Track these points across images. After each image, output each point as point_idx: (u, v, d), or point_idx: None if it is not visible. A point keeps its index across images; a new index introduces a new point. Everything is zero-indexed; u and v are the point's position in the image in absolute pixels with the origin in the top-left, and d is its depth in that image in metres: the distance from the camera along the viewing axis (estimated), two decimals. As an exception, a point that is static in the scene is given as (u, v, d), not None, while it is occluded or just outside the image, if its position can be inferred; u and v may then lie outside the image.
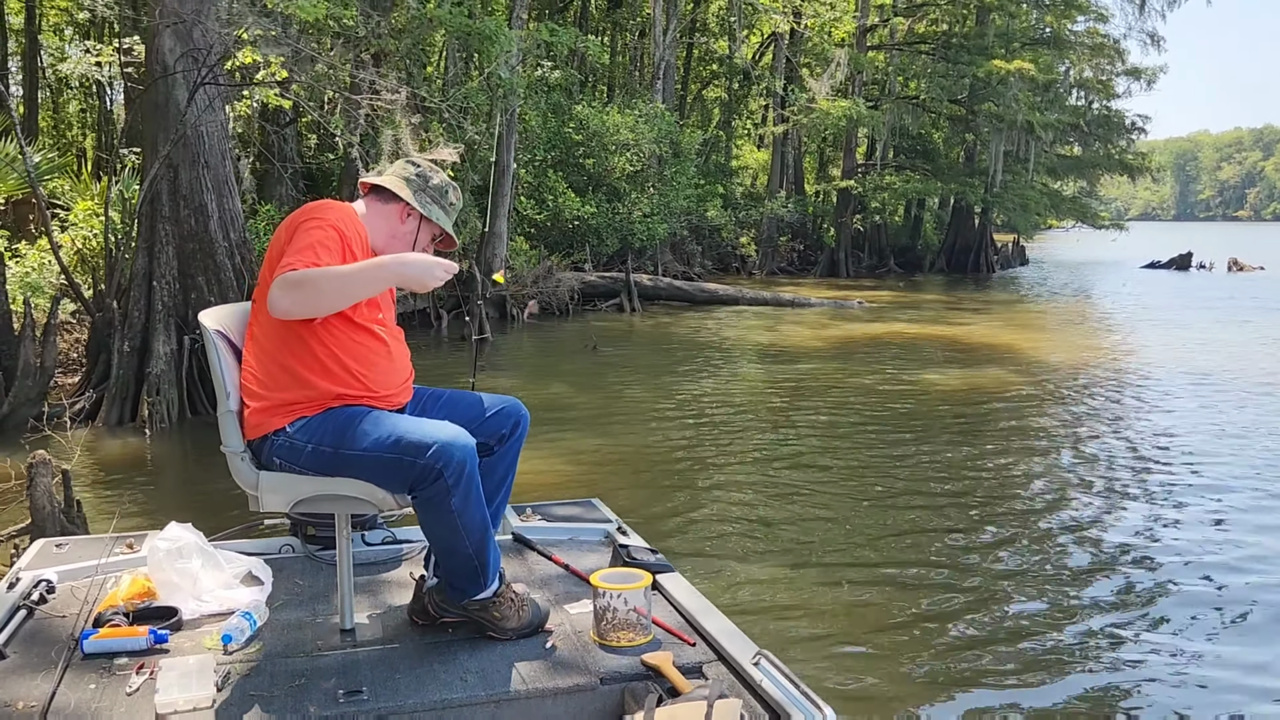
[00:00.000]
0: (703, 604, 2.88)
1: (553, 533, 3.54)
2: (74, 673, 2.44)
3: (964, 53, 26.48)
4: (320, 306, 2.62)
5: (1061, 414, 9.32)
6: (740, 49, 31.01)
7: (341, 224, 2.66)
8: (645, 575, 2.75)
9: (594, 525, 3.60)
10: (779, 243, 28.91)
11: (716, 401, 9.79)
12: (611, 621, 2.65)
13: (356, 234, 2.71)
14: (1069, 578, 5.14)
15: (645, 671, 2.50)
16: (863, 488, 6.74)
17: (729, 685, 2.44)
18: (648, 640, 2.65)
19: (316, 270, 2.50)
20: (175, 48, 7.21)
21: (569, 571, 3.20)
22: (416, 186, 2.84)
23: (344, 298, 2.58)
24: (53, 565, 3.14)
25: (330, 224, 2.63)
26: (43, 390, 7.60)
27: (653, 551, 3.24)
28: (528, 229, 18.92)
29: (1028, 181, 28.71)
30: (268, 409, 2.67)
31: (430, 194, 2.85)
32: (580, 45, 15.92)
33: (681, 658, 2.58)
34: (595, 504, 3.86)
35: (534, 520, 3.62)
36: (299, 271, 2.49)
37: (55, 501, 3.91)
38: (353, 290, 2.57)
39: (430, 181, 2.85)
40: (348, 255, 2.63)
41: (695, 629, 2.75)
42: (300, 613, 2.88)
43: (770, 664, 2.45)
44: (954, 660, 4.19)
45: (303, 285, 2.49)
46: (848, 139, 28.88)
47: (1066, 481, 6.97)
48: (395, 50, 14.38)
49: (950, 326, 16.73)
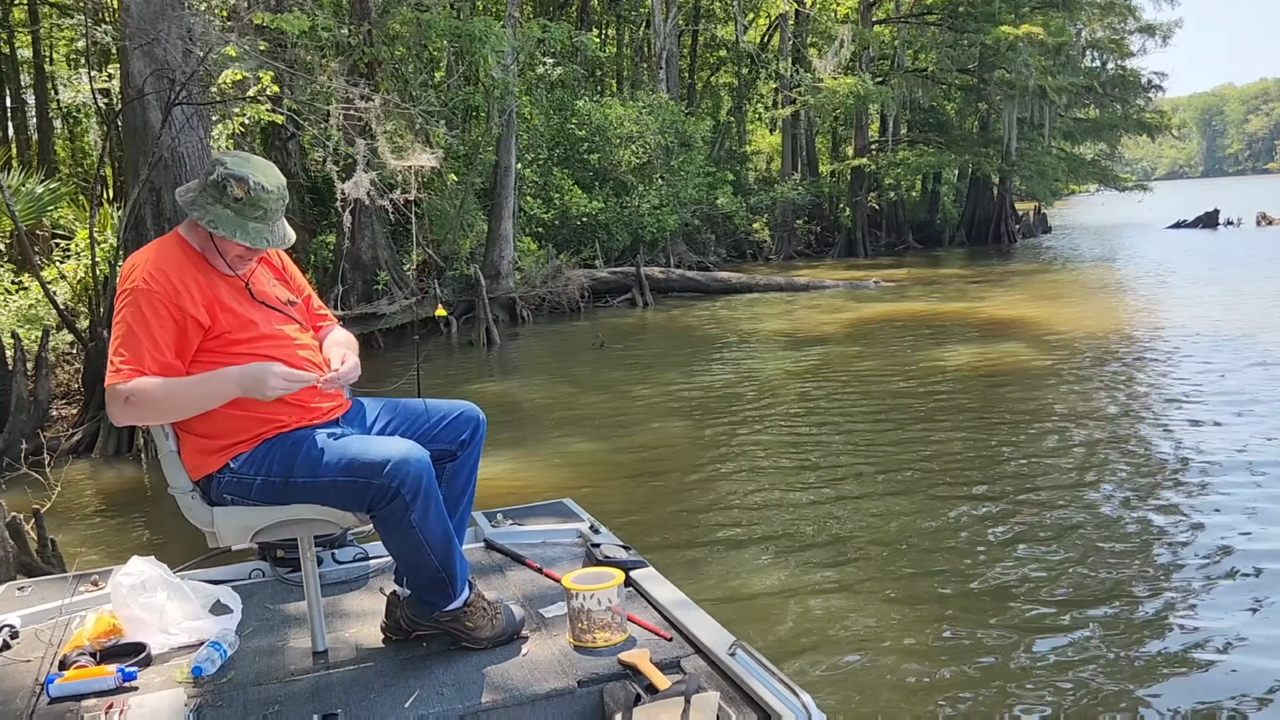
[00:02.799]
0: (678, 598, 2.87)
1: (525, 536, 3.51)
2: (41, 719, 2.40)
3: (971, 20, 26.02)
4: (159, 420, 2.60)
5: (1087, 390, 8.99)
6: (746, 33, 30.71)
7: (151, 280, 2.51)
8: (618, 573, 2.73)
9: (566, 526, 3.56)
10: (795, 226, 28.59)
11: (725, 394, 9.61)
12: (586, 623, 2.63)
13: (175, 269, 2.57)
14: (1093, 571, 4.89)
15: (623, 671, 2.49)
16: (880, 477, 6.54)
17: (706, 678, 2.43)
18: (624, 639, 2.64)
19: (147, 387, 2.45)
20: (144, 69, 7.13)
21: (542, 574, 3.17)
22: (208, 199, 2.57)
23: (180, 413, 2.56)
24: (15, 609, 3.08)
25: (139, 291, 2.50)
26: (38, 423, 7.57)
27: (625, 548, 3.20)
28: (536, 229, 18.80)
29: (1044, 148, 28.20)
30: (203, 450, 2.61)
31: (226, 204, 2.55)
32: (575, 40, 15.74)
33: (658, 653, 2.57)
34: (567, 504, 3.82)
35: (506, 525, 3.59)
36: (128, 386, 2.44)
37: (9, 545, 3.81)
38: (188, 407, 2.54)
39: (226, 190, 2.54)
40: (184, 297, 2.53)
41: (671, 623, 2.74)
42: (272, 638, 2.85)
43: (747, 654, 2.44)
44: (974, 667, 4.00)
45: (132, 403, 2.47)
46: (858, 116, 28.50)
47: (1096, 466, 6.64)
48: (389, 59, 14.31)
49: (970, 301, 16.41)
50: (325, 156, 10.40)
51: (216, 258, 2.61)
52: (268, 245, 2.60)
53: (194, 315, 2.52)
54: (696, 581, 4.76)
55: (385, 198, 9.64)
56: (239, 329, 2.60)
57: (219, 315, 2.57)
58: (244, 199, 2.52)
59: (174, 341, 2.51)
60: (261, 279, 2.76)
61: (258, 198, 2.54)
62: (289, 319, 2.75)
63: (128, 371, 2.44)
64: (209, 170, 2.56)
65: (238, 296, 2.64)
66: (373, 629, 2.84)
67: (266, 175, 2.57)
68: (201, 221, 2.52)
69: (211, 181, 2.54)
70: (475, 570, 2.98)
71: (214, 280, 2.61)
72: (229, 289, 2.63)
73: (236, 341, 2.59)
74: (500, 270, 15.88)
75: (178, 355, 2.52)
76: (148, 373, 2.46)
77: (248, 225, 2.54)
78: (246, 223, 2.54)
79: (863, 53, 27.45)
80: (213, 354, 2.58)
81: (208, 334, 2.56)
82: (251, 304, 2.66)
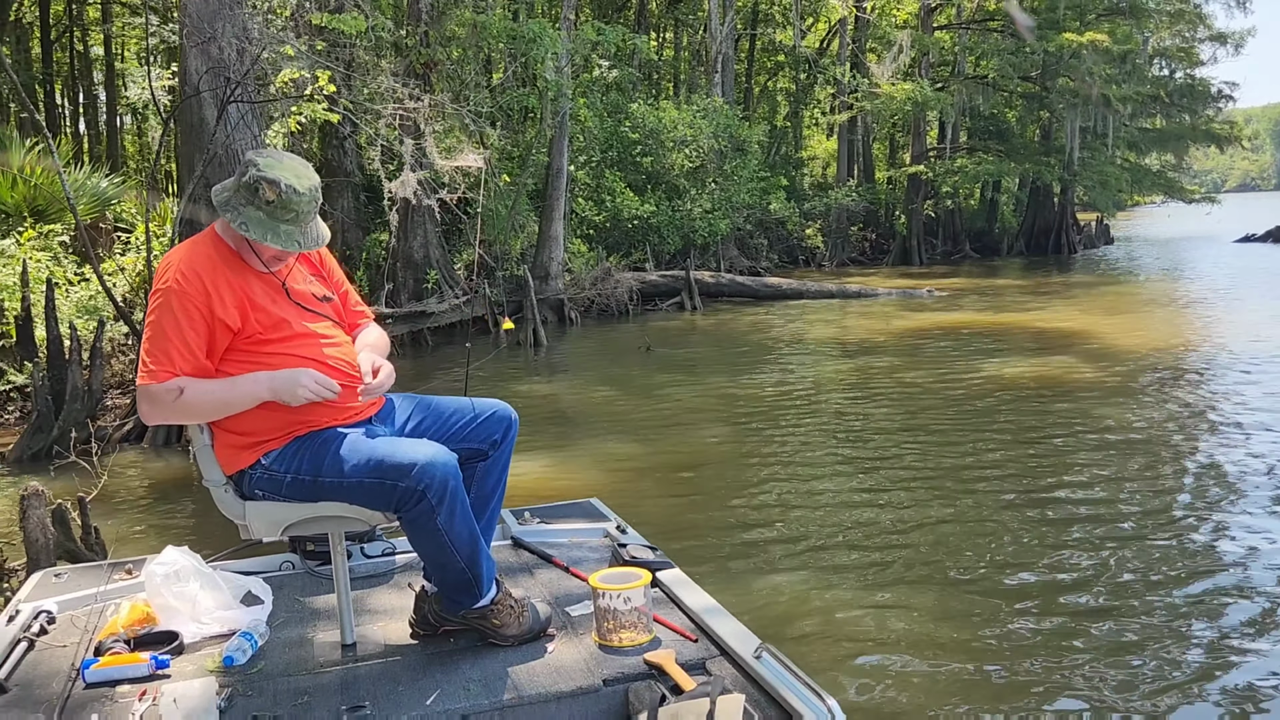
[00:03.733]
0: (704, 599, 2.87)
1: (552, 535, 3.52)
2: (76, 703, 2.44)
3: (1034, 27, 25.53)
4: (188, 420, 2.64)
5: (1143, 407, 8.71)
6: (804, 38, 30.51)
7: (184, 280, 2.52)
8: (645, 574, 2.73)
9: (593, 526, 3.56)
10: (850, 233, 28.31)
11: (769, 401, 9.52)
12: (613, 622, 2.63)
13: (207, 271, 2.57)
14: (1142, 593, 4.74)
15: (648, 671, 2.49)
16: (922, 491, 6.41)
17: (732, 680, 2.43)
18: (650, 639, 2.64)
19: (178, 388, 2.48)
20: (201, 67, 7.27)
21: (569, 573, 3.18)
22: (240, 200, 2.56)
23: (209, 415, 2.60)
24: (52, 596, 3.15)
25: (172, 290, 2.51)
26: (91, 412, 7.74)
27: (652, 548, 3.20)
28: (587, 230, 18.83)
29: (1107, 157, 27.56)
30: (236, 446, 2.64)
31: (258, 206, 2.54)
32: (629, 44, 15.73)
33: (684, 655, 2.57)
34: (594, 504, 3.83)
35: (533, 524, 3.60)
36: (159, 386, 2.48)
37: (50, 533, 3.90)
38: (218, 409, 2.58)
39: (258, 193, 2.53)
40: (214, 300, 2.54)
41: (697, 625, 2.75)
42: (301, 630, 2.88)
43: (773, 657, 2.43)
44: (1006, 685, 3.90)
45: (163, 404, 2.51)
46: (916, 123, 28.14)
47: (1150, 486, 6.42)
48: (445, 60, 14.43)
49: (1025, 313, 16.10)
50: (368, 155, 10.49)
51: (252, 256, 2.62)
52: (299, 248, 2.59)
53: (222, 318, 2.53)
54: (726, 585, 4.71)
55: (432, 197, 9.72)
56: (271, 329, 2.61)
57: (250, 315, 2.58)
58: (275, 201, 2.51)
59: (204, 342, 2.53)
60: (298, 276, 2.76)
61: (289, 200, 2.52)
62: (322, 317, 2.76)
63: (159, 372, 2.47)
64: (242, 171, 2.55)
65: (272, 294, 2.65)
66: (400, 623, 2.86)
67: (299, 177, 2.55)
68: (233, 224, 2.52)
69: (244, 183, 2.53)
70: (502, 568, 2.98)
71: (248, 279, 2.61)
72: (263, 287, 2.64)
73: (268, 341, 2.61)
74: (550, 271, 15.93)
75: (207, 356, 2.54)
76: (179, 373, 2.48)
77: (279, 228, 2.54)
78: (278, 225, 2.54)
79: (922, 58, 27.11)
80: (244, 353, 2.60)
81: (239, 335, 2.58)
82: (286, 302, 2.66)
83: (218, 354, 2.57)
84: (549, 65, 13.43)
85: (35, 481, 6.77)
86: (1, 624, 2.93)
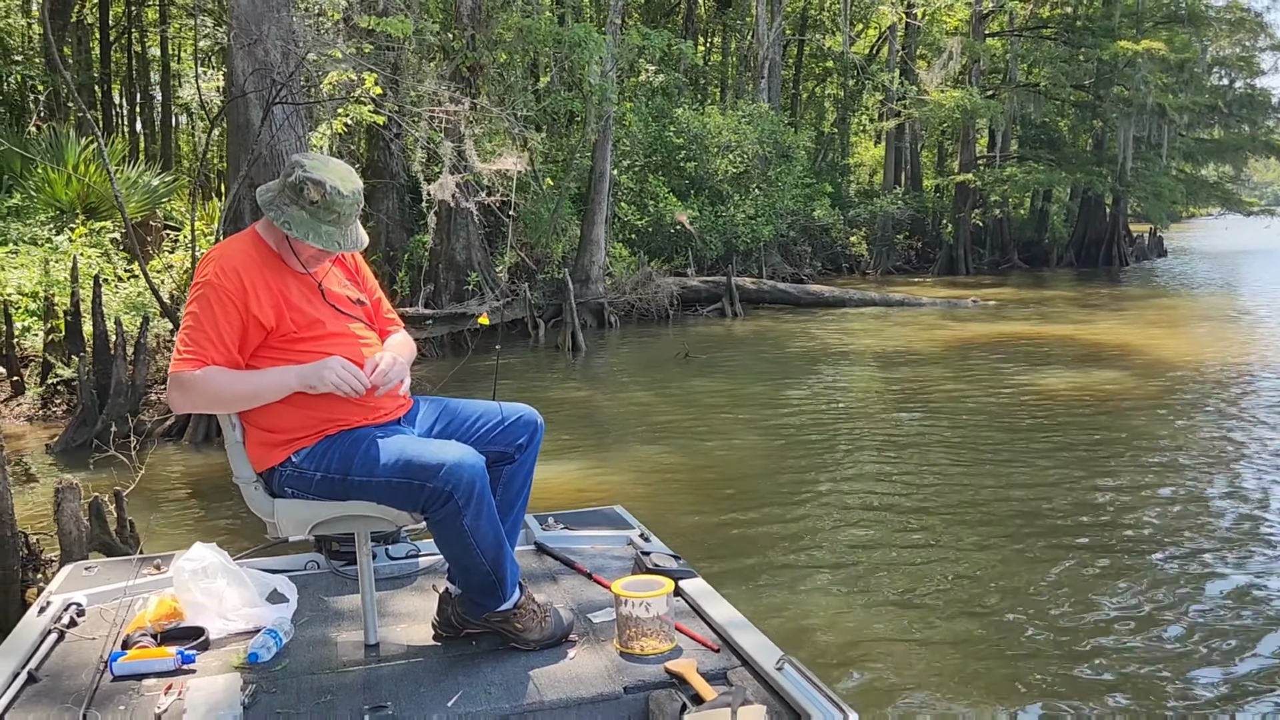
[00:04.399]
0: (726, 609, 2.87)
1: (575, 541, 3.53)
2: (103, 695, 2.49)
3: (1088, 35, 25.10)
4: (216, 409, 2.70)
5: (1190, 425, 8.48)
6: (854, 44, 30.28)
7: (222, 275, 2.58)
8: (668, 582, 2.74)
9: (617, 533, 3.57)
10: (895, 241, 28.02)
11: (805, 411, 9.43)
12: (634, 630, 2.64)
13: (246, 268, 2.62)
14: (1188, 629, 4.58)
15: (669, 679, 2.50)
16: (955, 507, 6.29)
17: (753, 691, 2.43)
18: (671, 647, 2.65)
19: (209, 376, 2.54)
20: (247, 68, 7.37)
21: (591, 580, 3.19)
22: (285, 200, 2.62)
23: (237, 404, 2.64)
24: (82, 588, 3.21)
25: (210, 284, 2.58)
26: (133, 407, 7.87)
27: (675, 557, 3.19)
28: (629, 235, 18.82)
29: (1161, 168, 27.00)
30: (266, 443, 2.69)
31: (302, 206, 2.60)
32: (675, 49, 15.71)
33: (705, 664, 2.57)
34: (618, 511, 3.83)
35: (556, 529, 3.61)
36: (191, 374, 2.53)
37: (83, 525, 3.96)
38: (246, 399, 2.62)
39: (303, 193, 2.59)
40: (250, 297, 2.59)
41: (719, 634, 2.74)
42: (325, 629, 2.91)
43: (794, 669, 2.43)
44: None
45: (192, 390, 2.55)
46: (965, 131, 27.78)
47: (1199, 510, 6.23)
48: (491, 63, 14.52)
49: (1072, 324, 15.81)
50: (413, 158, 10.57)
51: (291, 256, 2.68)
52: (339, 249, 2.64)
53: (257, 315, 2.59)
54: (752, 598, 4.66)
55: (470, 200, 9.78)
56: (305, 328, 2.66)
57: (285, 314, 2.64)
58: (319, 202, 2.57)
59: (237, 336, 2.59)
60: (334, 279, 2.81)
61: (333, 201, 2.58)
62: (355, 319, 2.80)
63: (192, 360, 2.53)
64: (288, 171, 2.62)
65: (308, 295, 2.70)
66: (423, 625, 2.88)
67: (343, 180, 2.61)
68: (276, 222, 2.58)
69: (290, 183, 2.59)
70: (525, 573, 2.98)
71: (285, 278, 2.67)
72: (300, 287, 2.69)
73: (301, 339, 2.65)
74: (590, 275, 15.94)
75: (239, 351, 2.60)
76: (210, 363, 2.54)
77: (321, 228, 2.59)
78: (320, 225, 2.59)
79: (973, 65, 26.78)
80: (278, 350, 2.65)
81: (272, 333, 2.63)
82: (321, 303, 2.72)
83: (249, 350, 2.62)
84: (593, 70, 13.44)
85: (75, 474, 6.91)
86: (33, 615, 2.99)
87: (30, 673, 2.58)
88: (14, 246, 11.05)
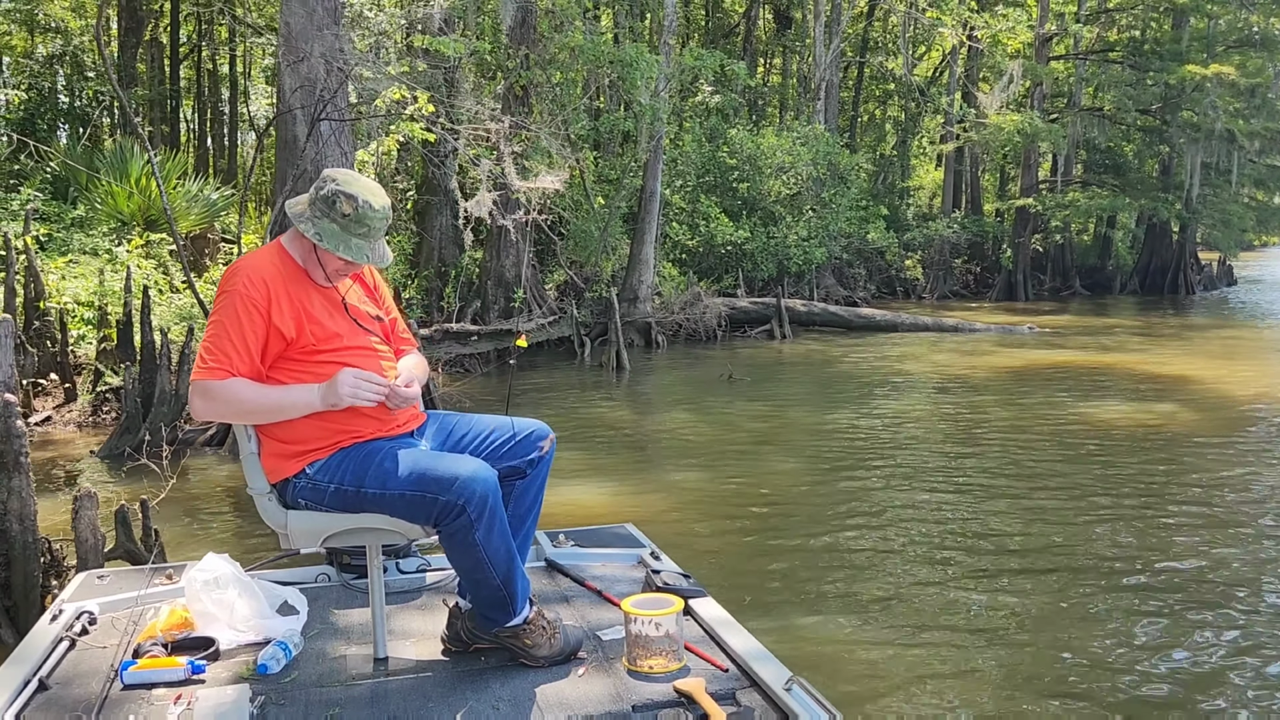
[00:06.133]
0: (736, 628, 2.86)
1: (586, 558, 3.53)
2: (114, 703, 2.52)
3: (1155, 59, 24.54)
4: (236, 419, 2.73)
5: (1256, 464, 8.09)
6: (915, 66, 29.98)
7: (250, 286, 2.63)
8: (677, 600, 2.74)
9: (627, 551, 3.57)
10: (953, 265, 27.59)
11: (847, 437, 9.26)
12: (644, 648, 2.64)
13: (272, 280, 2.67)
14: (1254, 690, 4.28)
15: (678, 699, 2.50)
16: (998, 545, 6.07)
17: (762, 711, 2.43)
18: (680, 667, 2.65)
19: (233, 387, 2.58)
20: (294, 84, 7.50)
21: (601, 597, 3.19)
22: (316, 212, 2.68)
23: (258, 417, 2.68)
24: (94, 597, 3.25)
25: (238, 294, 2.62)
26: (176, 416, 8.00)
27: (686, 576, 3.18)
28: (680, 255, 18.78)
29: (1231, 195, 26.25)
30: (281, 455, 2.72)
31: (333, 219, 2.66)
32: (729, 69, 15.68)
33: (714, 684, 2.57)
34: (629, 529, 3.83)
35: (567, 546, 3.61)
36: (216, 383, 2.57)
37: (99, 534, 3.99)
38: (268, 413, 2.65)
39: (335, 206, 2.65)
40: (274, 308, 2.63)
41: (728, 654, 2.74)
42: (335, 641, 2.94)
43: (803, 690, 2.43)
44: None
45: (216, 400, 2.60)
46: (1026, 155, 27.31)
47: (1267, 557, 5.86)
48: (545, 83, 14.63)
49: (1131, 354, 15.37)
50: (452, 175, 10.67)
51: (316, 269, 2.73)
52: (367, 261, 2.70)
53: (279, 326, 2.64)
54: (774, 624, 4.54)
55: (507, 217, 9.84)
56: (324, 340, 2.70)
57: (306, 327, 2.68)
58: (351, 215, 2.63)
59: (261, 346, 2.64)
60: (355, 294, 2.87)
61: (364, 215, 2.64)
62: (373, 334, 2.85)
63: (216, 369, 2.58)
64: (320, 185, 2.67)
65: (330, 308, 2.75)
66: (433, 639, 2.89)
67: (374, 195, 2.68)
68: (307, 233, 2.64)
69: (322, 196, 2.64)
70: (535, 589, 2.99)
71: (309, 292, 2.72)
72: (322, 301, 2.75)
73: (320, 352, 2.70)
74: (638, 294, 15.92)
75: (261, 360, 2.66)
76: (235, 373, 2.59)
77: (351, 241, 2.65)
78: (350, 238, 2.64)
79: (1035, 89, 26.34)
80: (297, 362, 2.69)
81: (292, 345, 2.68)
82: (342, 316, 2.76)
83: (269, 360, 2.67)
84: (643, 90, 13.47)
85: (114, 481, 7.03)
86: (45, 622, 3.02)
87: (41, 680, 2.61)
88: (74, 257, 11.36)
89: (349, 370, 2.60)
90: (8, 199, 12.68)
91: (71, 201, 13.53)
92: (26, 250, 9.76)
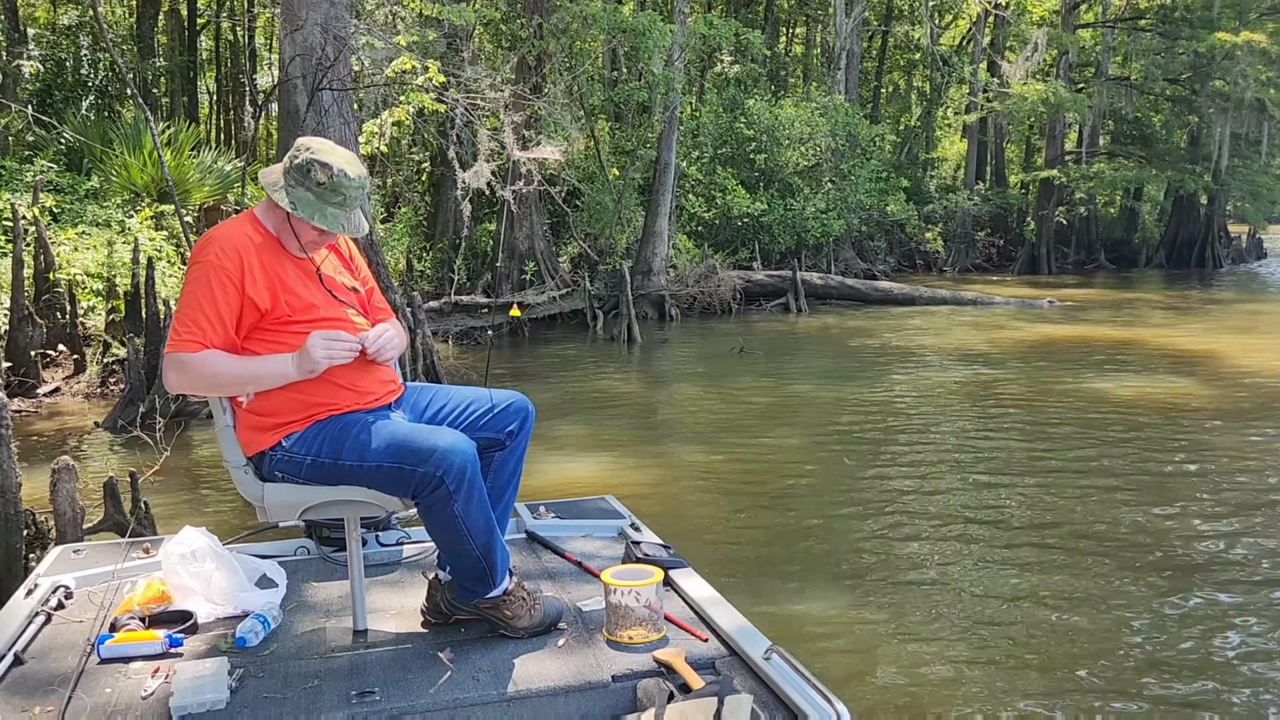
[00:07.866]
0: (715, 599, 2.88)
1: (566, 530, 3.54)
2: (90, 677, 2.50)
3: (1186, 26, 23.98)
4: (210, 392, 2.70)
5: (1272, 442, 7.96)
6: (941, 35, 29.48)
7: (223, 256, 2.60)
8: (657, 571, 2.75)
9: (608, 523, 3.57)
10: (975, 238, 27.24)
11: (855, 412, 9.16)
12: (623, 618, 2.66)
13: (245, 250, 2.64)
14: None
15: (657, 668, 2.51)
16: (1003, 523, 5.98)
17: (741, 680, 2.44)
18: (660, 637, 2.66)
19: (207, 359, 2.55)
20: (293, 54, 7.43)
21: (581, 568, 3.18)
22: (291, 181, 2.64)
23: (232, 389, 2.65)
24: (71, 571, 3.24)
25: (211, 264, 2.59)
26: (181, 388, 8.00)
27: (665, 547, 3.20)
28: (696, 227, 18.63)
29: (1261, 166, 25.73)
30: (257, 427, 2.70)
31: (308, 187, 2.63)
32: (743, 38, 15.46)
33: (693, 653, 2.58)
34: (609, 501, 3.85)
35: (547, 518, 3.62)
36: (189, 355, 2.54)
37: (79, 507, 3.98)
38: (242, 385, 2.63)
39: (310, 174, 2.61)
40: (248, 278, 2.61)
41: (707, 624, 2.75)
42: (314, 614, 2.93)
43: (782, 659, 2.44)
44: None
45: (189, 372, 2.56)
46: (1051, 125, 26.85)
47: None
48: (559, 51, 14.49)
49: (1153, 328, 15.14)
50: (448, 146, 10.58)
51: (290, 239, 2.70)
52: (343, 231, 2.67)
53: (252, 297, 2.61)
54: (753, 600, 4.48)
55: (505, 189, 9.76)
56: (299, 311, 2.67)
57: (280, 297, 2.65)
58: (326, 184, 2.60)
59: (235, 317, 2.60)
60: (330, 265, 2.84)
61: (339, 184, 2.61)
62: (350, 305, 2.81)
63: (190, 342, 2.55)
64: (294, 154, 2.64)
65: (304, 279, 2.72)
66: (412, 612, 2.89)
67: (349, 164, 2.65)
68: (282, 203, 2.60)
69: (296, 165, 2.61)
70: (515, 561, 3.00)
71: (283, 262, 2.69)
72: (297, 271, 2.71)
73: (295, 323, 2.66)
74: (652, 267, 15.82)
75: (236, 331, 2.63)
76: (208, 345, 2.56)
77: (326, 210, 2.62)
78: (325, 207, 2.62)
79: (1061, 58, 25.84)
80: (270, 333, 2.66)
81: (266, 315, 2.65)
82: (317, 287, 2.73)
83: (243, 331, 2.64)
84: (657, 59, 13.30)
85: (114, 453, 7.06)
86: (20, 597, 3.01)
87: (16, 654, 2.60)
88: (85, 228, 11.40)
89: (317, 333, 2.58)
90: (22, 170, 12.73)
91: (86, 173, 13.57)
92: (36, 221, 9.78)
